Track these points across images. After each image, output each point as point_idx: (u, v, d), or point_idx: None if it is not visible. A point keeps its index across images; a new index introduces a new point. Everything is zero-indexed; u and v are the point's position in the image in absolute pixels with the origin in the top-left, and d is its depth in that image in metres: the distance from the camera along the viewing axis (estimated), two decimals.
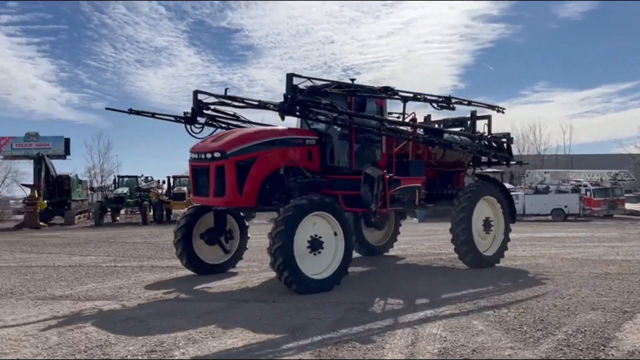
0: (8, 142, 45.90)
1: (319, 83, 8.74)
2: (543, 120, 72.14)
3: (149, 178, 34.35)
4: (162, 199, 31.33)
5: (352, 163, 9.48)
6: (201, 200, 9.34)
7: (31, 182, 29.91)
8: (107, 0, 73.37)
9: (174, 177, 34.08)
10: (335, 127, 9.38)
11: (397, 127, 9.97)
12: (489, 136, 11.47)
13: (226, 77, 79.62)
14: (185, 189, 31.11)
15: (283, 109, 8.16)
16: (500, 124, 40.54)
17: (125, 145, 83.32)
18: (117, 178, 33.95)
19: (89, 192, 37.05)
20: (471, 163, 11.86)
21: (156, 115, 10.59)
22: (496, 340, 5.38)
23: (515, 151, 14.36)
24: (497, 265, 10.58)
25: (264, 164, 8.88)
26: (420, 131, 10.47)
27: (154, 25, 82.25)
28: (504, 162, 11.94)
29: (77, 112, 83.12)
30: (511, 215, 11.07)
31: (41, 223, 27.14)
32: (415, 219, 27.99)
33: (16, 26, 73.26)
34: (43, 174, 28.78)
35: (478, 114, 11.82)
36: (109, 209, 31.07)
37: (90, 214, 32.45)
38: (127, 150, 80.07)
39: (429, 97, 10.06)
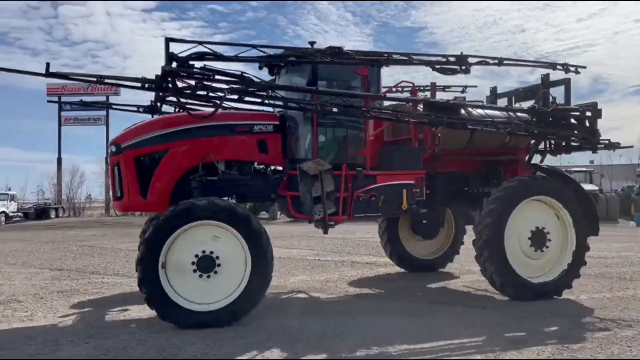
0: None
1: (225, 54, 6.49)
2: None
3: None
4: None
5: (315, 154, 7.42)
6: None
7: None
8: None
9: None
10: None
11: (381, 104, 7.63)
12: (551, 109, 7.81)
13: (409, 77, 79.84)
14: None
15: (157, 87, 6.43)
16: None
17: None
18: None
19: None
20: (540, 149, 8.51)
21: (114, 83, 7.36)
22: None
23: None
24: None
25: (176, 158, 7.10)
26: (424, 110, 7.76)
27: (342, 32, 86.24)
28: (587, 146, 8.19)
29: None
30: (591, 225, 7.85)
31: None
32: None
33: (225, 46, 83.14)
34: None
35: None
36: None
37: None
38: None
39: (425, 58, 7.43)
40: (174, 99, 7.32)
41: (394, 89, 8.54)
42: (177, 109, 7.91)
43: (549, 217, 7.63)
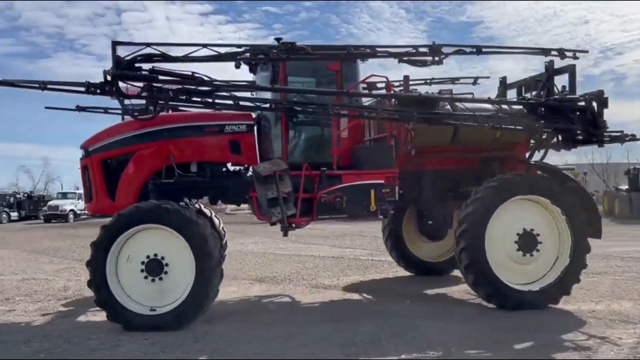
0: None
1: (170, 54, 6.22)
2: None
3: None
4: None
5: (285, 153, 7.22)
6: None
7: None
8: None
9: None
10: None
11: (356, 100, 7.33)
12: (545, 100, 7.08)
13: (465, 72, 78.24)
14: None
15: (102, 91, 6.26)
16: None
17: None
18: None
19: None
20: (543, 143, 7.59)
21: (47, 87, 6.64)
22: None
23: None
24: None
25: (142, 161, 7.11)
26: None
27: (395, 29, 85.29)
28: (593, 139, 7.20)
29: None
30: (593, 227, 7.11)
31: None
32: None
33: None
34: None
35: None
36: None
37: None
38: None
39: (392, 50, 6.75)
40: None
41: (361, 85, 7.87)
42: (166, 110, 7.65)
43: (541, 218, 6.93)
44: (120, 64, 6.08)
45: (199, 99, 6.47)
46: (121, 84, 6.29)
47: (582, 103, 7.05)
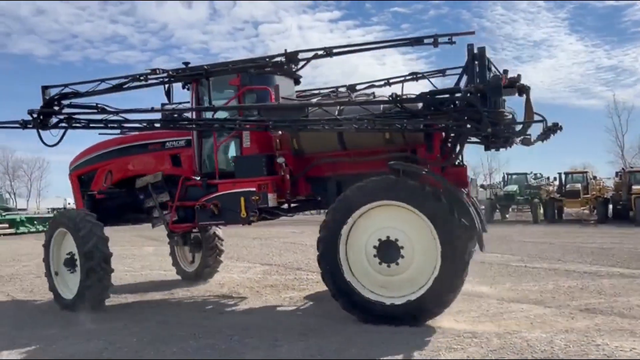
0: None
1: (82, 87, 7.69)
2: None
3: (539, 175, 32.99)
4: (554, 196, 29.50)
5: (201, 165, 7.76)
6: None
7: None
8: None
9: (566, 174, 31.61)
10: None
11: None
12: (418, 95, 6.42)
13: (615, 60, 70.80)
14: (579, 186, 28.58)
15: (34, 126, 7.63)
16: None
17: None
18: (505, 175, 33.89)
19: (479, 189, 38.27)
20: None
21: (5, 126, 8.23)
22: None
23: None
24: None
25: (101, 177, 8.59)
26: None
27: (532, 20, 79.80)
28: (479, 133, 6.23)
29: None
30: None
31: None
32: None
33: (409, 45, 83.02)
34: None
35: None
36: (498, 206, 31.26)
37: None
38: (515, 147, 79.46)
39: (243, 65, 7.27)
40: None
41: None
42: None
43: (408, 226, 6.16)
44: (47, 104, 7.61)
45: (114, 125, 7.39)
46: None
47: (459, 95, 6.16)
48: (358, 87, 8.56)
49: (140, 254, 15.33)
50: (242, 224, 7.72)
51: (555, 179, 32.71)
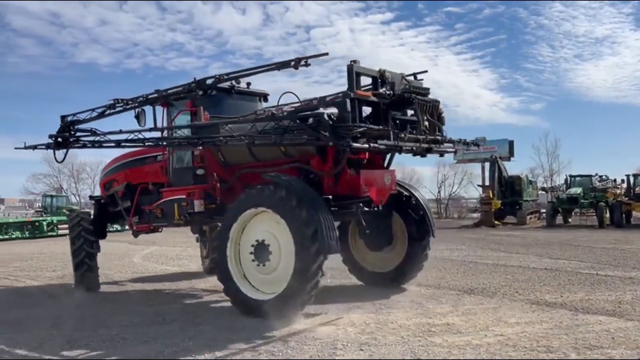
0: None
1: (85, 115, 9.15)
2: None
3: (604, 177, 31.13)
4: (621, 199, 27.75)
5: (170, 176, 8.90)
6: None
7: (485, 184, 31.94)
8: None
9: (634, 175, 29.69)
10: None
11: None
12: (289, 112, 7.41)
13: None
14: None
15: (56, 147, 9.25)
16: None
17: (574, 142, 79.33)
18: (568, 177, 32.21)
19: (539, 192, 36.69)
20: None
21: (37, 148, 9.69)
22: None
23: None
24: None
25: (115, 186, 9.91)
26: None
27: (593, 15, 76.39)
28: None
29: (517, 115, 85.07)
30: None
31: (496, 222, 28.41)
32: None
33: (462, 45, 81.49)
34: (496, 175, 30.13)
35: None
36: (561, 210, 29.77)
37: (541, 214, 32.13)
38: (577, 148, 76.14)
39: (153, 96, 8.46)
40: None
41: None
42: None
43: (277, 230, 6.93)
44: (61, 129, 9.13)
45: (111, 144, 8.74)
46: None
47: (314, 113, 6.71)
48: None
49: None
50: (176, 226, 9.07)
51: (622, 181, 30.88)
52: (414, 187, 9.19)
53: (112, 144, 8.68)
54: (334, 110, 6.70)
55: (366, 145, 6.71)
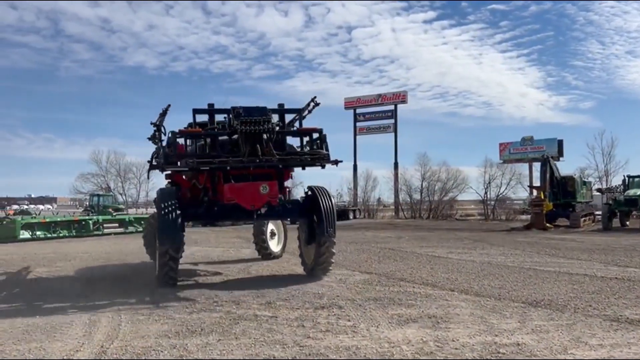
0: (507, 147, 50.25)
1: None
2: None
3: None
4: None
5: None
6: None
7: (535, 184, 30.43)
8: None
9: None
10: None
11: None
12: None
13: None
14: None
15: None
16: None
17: (629, 142, 75.47)
18: (626, 178, 30.31)
19: (594, 193, 34.81)
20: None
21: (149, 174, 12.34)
22: None
23: None
24: None
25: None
26: None
27: None
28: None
29: (564, 113, 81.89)
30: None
31: (547, 224, 26.98)
32: None
33: (508, 42, 78.84)
34: (548, 175, 28.65)
35: None
36: (618, 212, 28.02)
37: (595, 217, 30.41)
38: (633, 148, 72.44)
39: None
40: None
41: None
42: None
43: None
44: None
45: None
46: None
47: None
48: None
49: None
50: None
51: None
52: (326, 192, 10.47)
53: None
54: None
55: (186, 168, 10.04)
